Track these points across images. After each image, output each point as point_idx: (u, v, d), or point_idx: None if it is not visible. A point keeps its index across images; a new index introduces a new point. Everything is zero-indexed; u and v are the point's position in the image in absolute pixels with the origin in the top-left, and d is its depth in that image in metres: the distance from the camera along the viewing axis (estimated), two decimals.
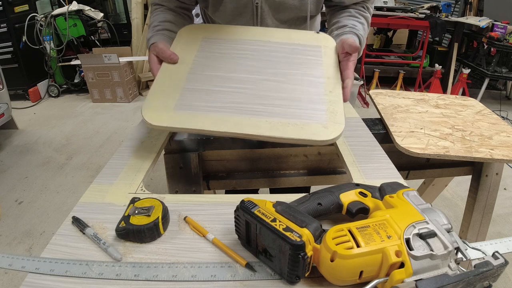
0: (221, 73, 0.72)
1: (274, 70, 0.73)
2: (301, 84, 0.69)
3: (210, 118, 0.64)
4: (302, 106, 0.65)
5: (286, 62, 0.74)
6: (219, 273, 0.45)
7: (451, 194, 2.01)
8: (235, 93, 0.68)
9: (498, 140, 0.86)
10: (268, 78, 0.71)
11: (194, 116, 0.64)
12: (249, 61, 0.75)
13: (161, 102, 0.67)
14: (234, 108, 0.65)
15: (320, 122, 0.62)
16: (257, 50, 0.77)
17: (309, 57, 0.75)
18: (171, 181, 0.87)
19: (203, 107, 0.66)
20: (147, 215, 0.50)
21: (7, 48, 3.17)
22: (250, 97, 0.67)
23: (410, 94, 1.14)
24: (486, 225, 0.99)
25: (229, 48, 0.78)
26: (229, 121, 0.63)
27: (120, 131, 2.78)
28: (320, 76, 0.71)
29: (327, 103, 0.65)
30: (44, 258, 0.46)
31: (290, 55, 0.76)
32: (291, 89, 0.69)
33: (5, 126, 2.72)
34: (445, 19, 3.30)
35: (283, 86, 0.69)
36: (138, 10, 3.61)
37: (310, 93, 0.67)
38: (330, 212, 0.50)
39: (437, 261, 0.38)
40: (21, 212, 1.88)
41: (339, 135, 0.61)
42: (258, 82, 0.70)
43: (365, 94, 3.42)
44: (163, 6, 0.86)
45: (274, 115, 0.64)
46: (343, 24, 0.81)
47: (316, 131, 0.61)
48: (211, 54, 0.77)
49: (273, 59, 0.75)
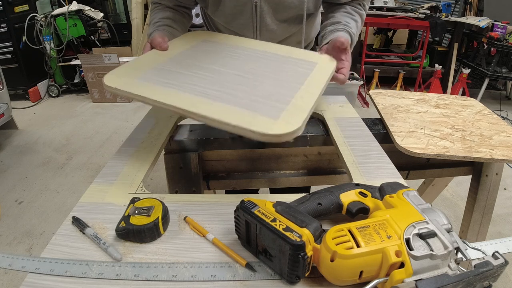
0: (201, 64, 0.71)
1: (254, 70, 0.70)
2: (274, 85, 0.65)
3: (160, 90, 0.62)
4: (263, 101, 0.60)
5: (271, 67, 0.72)
6: (219, 273, 0.45)
7: (451, 194, 2.01)
8: (201, 78, 0.66)
9: (498, 140, 0.86)
10: (243, 74, 0.68)
11: (146, 86, 0.63)
12: (235, 60, 0.74)
13: (127, 71, 0.69)
14: (191, 89, 0.63)
15: (271, 117, 0.55)
16: (249, 55, 0.77)
17: (299, 68, 0.72)
18: (171, 181, 0.87)
19: (161, 82, 0.65)
20: (147, 215, 0.50)
21: (7, 48, 3.16)
22: (214, 83, 0.64)
23: (410, 94, 1.14)
24: (486, 225, 0.99)
25: (223, 49, 0.79)
26: (176, 96, 0.60)
27: (120, 131, 2.78)
28: (298, 83, 0.66)
29: (291, 104, 0.59)
30: (44, 258, 0.46)
31: (280, 63, 0.74)
32: (260, 86, 0.65)
33: (5, 126, 2.72)
34: (445, 19, 3.29)
35: (253, 83, 0.66)
36: (138, 10, 3.61)
37: (278, 94, 0.62)
38: (330, 212, 0.50)
39: (437, 261, 0.38)
40: (21, 212, 1.87)
41: (284, 133, 0.52)
42: (230, 75, 0.68)
43: (365, 94, 3.41)
44: (161, 5, 0.88)
45: (228, 102, 0.59)
46: (337, 21, 0.83)
47: (261, 123, 0.54)
48: (202, 50, 0.77)
49: (260, 63, 0.74)
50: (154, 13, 0.87)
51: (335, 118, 0.89)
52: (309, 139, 0.86)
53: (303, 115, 0.56)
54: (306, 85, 0.66)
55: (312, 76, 0.69)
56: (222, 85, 0.64)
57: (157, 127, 0.84)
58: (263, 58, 0.76)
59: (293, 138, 0.54)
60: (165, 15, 0.86)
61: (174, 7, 0.89)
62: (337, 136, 0.79)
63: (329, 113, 0.92)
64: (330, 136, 0.83)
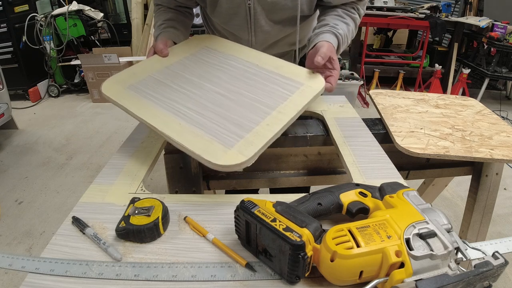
0: (190, 76, 0.77)
1: (233, 87, 0.73)
2: (245, 107, 0.67)
3: (142, 104, 0.68)
4: (226, 126, 0.63)
5: (254, 85, 0.73)
6: (219, 273, 0.45)
7: (451, 194, 2.01)
8: (183, 95, 0.71)
9: (498, 140, 0.86)
10: (224, 93, 0.72)
11: (133, 97, 0.70)
12: (222, 74, 0.77)
13: (124, 78, 0.75)
14: (170, 105, 0.68)
15: (226, 145, 0.58)
16: (238, 67, 0.79)
17: (280, 89, 0.72)
18: (171, 181, 0.87)
19: (148, 95, 0.71)
20: (147, 215, 0.50)
21: (7, 48, 3.16)
22: (192, 102, 0.69)
23: (410, 94, 1.14)
24: (486, 225, 0.99)
25: (217, 60, 0.82)
26: (153, 112, 0.66)
27: (120, 131, 2.78)
28: (272, 108, 0.67)
29: (252, 133, 0.61)
30: (44, 258, 0.46)
31: (262, 81, 0.75)
32: (232, 108, 0.67)
33: (5, 126, 2.72)
34: (445, 19, 3.29)
35: (227, 103, 0.69)
36: (138, 10, 3.61)
37: (245, 118, 0.65)
38: (330, 212, 0.50)
39: (437, 261, 0.38)
40: (21, 212, 1.88)
41: (231, 164, 0.55)
42: (210, 93, 0.72)
43: (365, 94, 3.42)
44: (163, 6, 0.92)
45: (196, 124, 0.63)
46: (325, 23, 0.82)
47: (213, 152, 0.57)
48: (198, 60, 0.82)
49: (243, 78, 0.76)
50: (157, 15, 0.91)
51: (335, 118, 0.89)
52: (309, 139, 0.86)
53: (256, 147, 0.58)
54: (277, 110, 0.67)
55: (290, 101, 0.69)
56: (199, 104, 0.69)
57: None
58: (251, 73, 0.78)
59: (243, 168, 0.57)
60: (168, 16, 0.89)
61: (175, 8, 0.92)
62: (337, 136, 0.79)
63: (329, 113, 0.92)
64: (330, 136, 0.83)
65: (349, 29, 0.84)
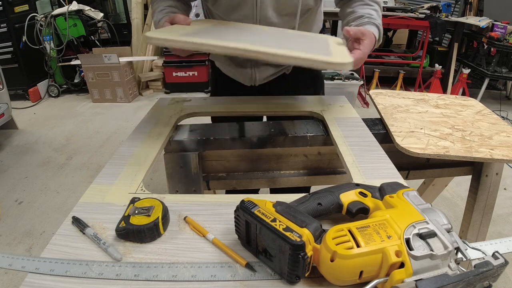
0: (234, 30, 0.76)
1: (282, 35, 0.78)
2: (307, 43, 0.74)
3: (213, 38, 0.62)
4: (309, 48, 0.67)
5: (294, 37, 0.79)
6: (219, 273, 0.45)
7: (451, 194, 2.01)
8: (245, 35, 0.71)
9: (498, 140, 0.86)
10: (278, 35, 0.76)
11: (197, 36, 0.63)
12: (259, 34, 0.77)
13: (165, 32, 0.68)
14: (243, 40, 0.65)
15: (326, 55, 0.61)
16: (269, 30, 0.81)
17: (317, 37, 0.83)
18: (171, 181, 0.87)
19: (210, 37, 0.64)
20: (147, 215, 0.50)
21: (7, 48, 3.17)
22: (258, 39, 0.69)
23: (410, 94, 1.14)
24: (486, 225, 0.99)
25: (244, 27, 0.82)
26: (231, 42, 0.60)
27: (120, 131, 2.78)
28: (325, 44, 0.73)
29: (333, 51, 0.66)
30: (44, 258, 0.46)
31: (298, 36, 0.81)
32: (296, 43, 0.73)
33: (5, 126, 2.72)
34: (445, 19, 3.29)
35: (290, 40, 0.74)
36: (138, 10, 3.61)
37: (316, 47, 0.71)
38: (330, 212, 0.50)
39: (437, 261, 0.38)
40: (21, 212, 1.88)
41: (346, 62, 0.59)
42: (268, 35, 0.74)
43: (365, 94, 3.41)
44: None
45: (280, 47, 0.61)
46: (359, 15, 0.81)
47: (324, 57, 0.59)
48: (225, 27, 0.79)
49: (282, 34, 0.80)
50: (156, 3, 0.88)
51: (335, 118, 0.89)
52: (309, 139, 0.86)
53: (349, 55, 0.64)
54: (331, 44, 0.72)
55: (331, 39, 0.76)
56: (265, 40, 0.69)
57: (157, 127, 0.84)
58: (282, 32, 0.80)
59: (349, 70, 0.61)
60: (169, 3, 0.87)
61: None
62: (337, 136, 0.79)
63: (329, 113, 0.92)
64: (330, 136, 0.83)
65: (379, 16, 0.83)
